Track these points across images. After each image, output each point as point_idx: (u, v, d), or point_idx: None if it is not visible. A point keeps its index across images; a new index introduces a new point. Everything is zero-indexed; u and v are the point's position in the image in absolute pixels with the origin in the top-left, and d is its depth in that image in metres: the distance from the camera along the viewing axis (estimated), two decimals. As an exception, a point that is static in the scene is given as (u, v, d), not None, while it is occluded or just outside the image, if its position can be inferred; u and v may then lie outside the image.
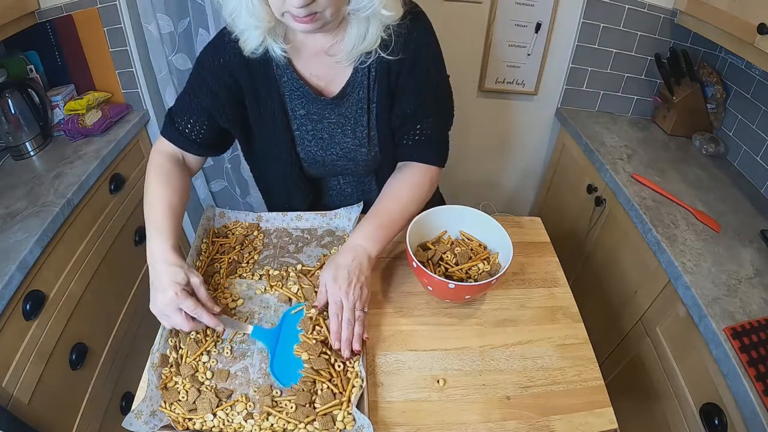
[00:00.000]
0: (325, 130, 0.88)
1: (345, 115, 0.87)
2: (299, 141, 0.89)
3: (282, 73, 0.84)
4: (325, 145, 0.89)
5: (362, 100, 0.86)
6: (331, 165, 0.92)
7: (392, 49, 0.78)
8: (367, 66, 0.82)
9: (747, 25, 1.12)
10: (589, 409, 0.69)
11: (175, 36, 1.42)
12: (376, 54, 0.79)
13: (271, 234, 0.95)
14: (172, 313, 0.68)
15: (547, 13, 1.55)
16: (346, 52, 0.78)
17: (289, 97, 0.85)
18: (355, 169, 0.93)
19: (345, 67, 0.83)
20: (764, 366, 0.82)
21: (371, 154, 0.91)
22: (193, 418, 0.63)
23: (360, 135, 0.88)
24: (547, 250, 0.97)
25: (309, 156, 0.91)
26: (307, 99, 0.85)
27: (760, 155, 1.37)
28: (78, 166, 1.24)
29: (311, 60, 0.84)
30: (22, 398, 0.96)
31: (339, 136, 0.88)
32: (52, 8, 1.34)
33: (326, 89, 0.86)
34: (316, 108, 0.86)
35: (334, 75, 0.84)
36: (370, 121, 0.88)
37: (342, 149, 0.90)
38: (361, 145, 0.89)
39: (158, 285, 0.69)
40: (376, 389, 0.70)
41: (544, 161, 1.96)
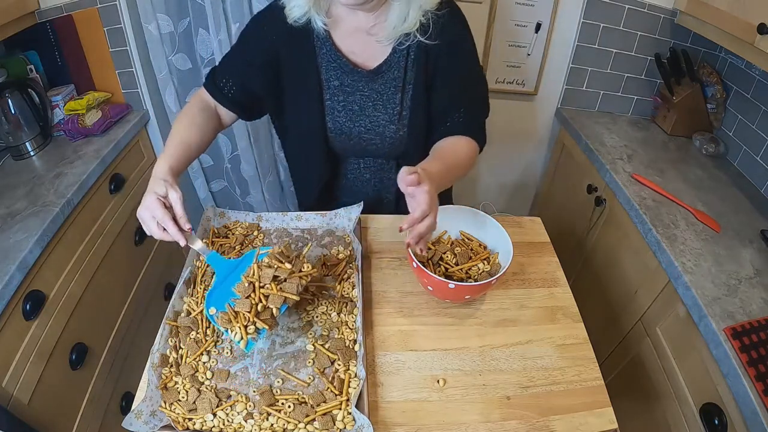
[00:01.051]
0: (356, 102, 0.92)
1: (378, 90, 0.91)
2: (329, 111, 0.93)
3: (321, 45, 0.89)
4: (355, 116, 0.93)
5: (397, 79, 0.90)
6: (357, 138, 0.94)
7: (430, 34, 0.84)
8: (405, 48, 0.87)
9: (747, 25, 1.12)
10: (589, 409, 0.69)
11: (175, 36, 1.42)
12: (414, 38, 0.85)
13: (271, 234, 0.95)
14: (148, 219, 0.72)
15: (547, 13, 1.55)
16: (388, 31, 0.84)
17: (325, 68, 0.90)
18: (381, 145, 0.95)
19: (383, 46, 0.88)
20: (764, 366, 0.82)
21: (399, 133, 0.94)
22: (193, 418, 0.63)
23: (391, 111, 0.92)
24: (547, 250, 0.97)
25: (337, 126, 0.94)
26: (343, 71, 0.90)
27: (760, 155, 1.37)
28: (78, 166, 1.24)
29: (350, 36, 0.89)
30: (22, 398, 0.96)
31: (370, 109, 0.92)
32: (52, 8, 1.34)
33: (362, 64, 0.90)
34: (351, 80, 0.91)
35: (372, 52, 0.90)
36: (403, 100, 0.92)
37: (371, 122, 0.93)
38: (391, 121, 0.92)
39: (144, 194, 0.74)
40: (376, 389, 0.70)
41: (544, 161, 1.96)
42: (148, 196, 0.73)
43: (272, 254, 0.72)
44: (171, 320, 0.74)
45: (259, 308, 0.68)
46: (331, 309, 0.78)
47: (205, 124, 0.91)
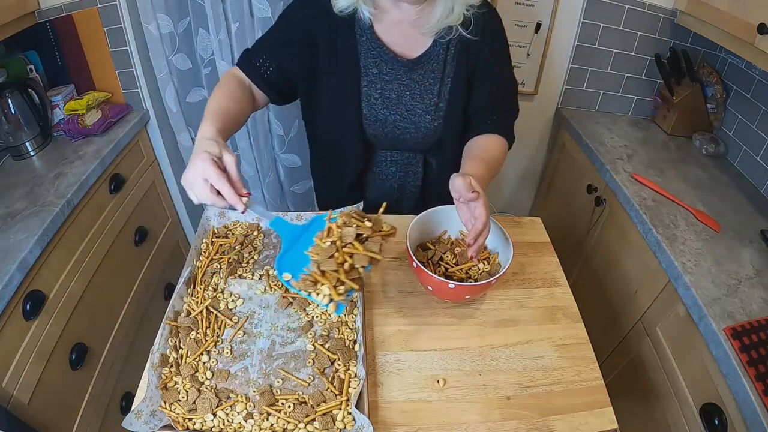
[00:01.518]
0: (393, 90, 0.93)
1: (416, 80, 0.92)
2: (365, 98, 0.93)
3: (362, 33, 0.90)
4: (391, 104, 0.93)
5: (436, 70, 0.92)
6: (392, 126, 0.95)
7: (471, 29, 0.87)
8: (446, 41, 0.89)
9: (747, 25, 1.12)
10: (589, 409, 0.69)
11: (175, 36, 1.42)
12: (456, 32, 0.87)
13: (271, 234, 0.95)
14: (200, 184, 0.66)
15: (547, 13, 1.55)
16: (433, 24, 0.86)
17: (364, 55, 0.91)
18: (415, 134, 0.96)
19: (424, 39, 0.90)
20: (764, 366, 0.82)
21: (434, 123, 0.95)
22: (193, 418, 0.63)
23: (428, 102, 0.93)
24: (547, 250, 0.97)
25: (372, 113, 0.94)
26: (382, 59, 0.91)
27: (760, 155, 1.37)
28: (78, 166, 1.24)
29: (392, 27, 0.90)
30: (22, 398, 0.96)
31: (407, 98, 0.93)
32: (52, 8, 1.34)
33: (402, 54, 0.92)
34: (390, 68, 0.92)
35: (413, 44, 0.91)
36: (441, 92, 0.93)
37: (407, 111, 0.94)
38: (427, 111, 0.94)
39: (191, 158, 0.68)
40: (376, 389, 0.70)
41: (544, 161, 1.96)
42: (200, 156, 0.66)
43: (348, 214, 0.67)
44: (171, 320, 0.74)
45: (345, 267, 0.63)
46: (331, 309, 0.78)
47: (243, 99, 0.90)
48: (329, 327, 0.76)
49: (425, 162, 1.03)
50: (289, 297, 0.80)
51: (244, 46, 1.39)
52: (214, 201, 0.67)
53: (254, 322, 0.77)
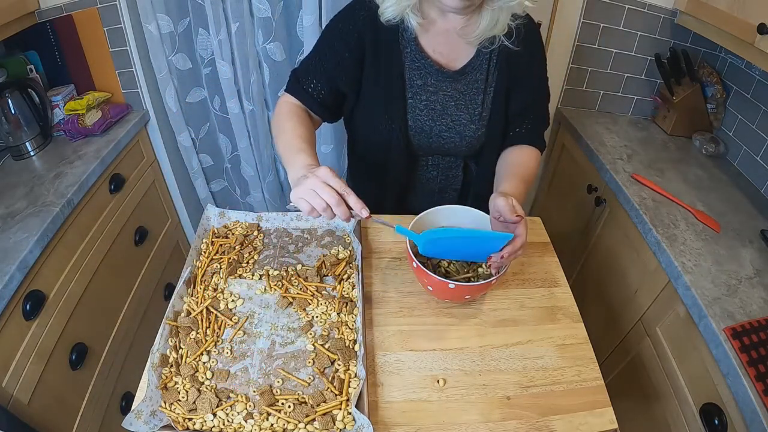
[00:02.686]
0: (438, 101, 0.93)
1: (461, 90, 0.93)
2: (411, 109, 0.94)
3: (407, 45, 0.91)
4: (436, 116, 0.94)
5: (480, 80, 0.93)
6: (437, 137, 0.96)
7: (513, 40, 0.88)
8: (489, 51, 0.91)
9: (747, 25, 1.12)
10: (589, 409, 0.69)
11: (175, 36, 1.42)
12: (499, 41, 0.89)
13: (271, 234, 0.95)
14: (321, 189, 0.67)
15: (547, 13, 1.55)
16: (478, 33, 0.87)
17: (408, 67, 0.92)
18: (459, 144, 0.97)
19: (468, 48, 0.91)
20: (764, 366, 0.82)
21: (479, 132, 0.96)
22: (193, 418, 0.63)
23: (472, 111, 0.94)
24: (547, 250, 0.97)
25: (417, 125, 0.95)
26: (427, 71, 0.92)
27: (760, 155, 1.37)
28: (78, 166, 1.24)
29: (437, 37, 0.91)
30: (22, 398, 0.96)
31: (452, 109, 0.94)
32: (52, 8, 1.34)
33: (446, 65, 0.93)
34: (435, 80, 0.92)
35: (457, 54, 0.92)
36: (485, 102, 0.95)
37: (453, 121, 0.94)
38: (472, 121, 0.95)
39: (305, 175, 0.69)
40: (376, 389, 0.70)
41: (544, 161, 1.96)
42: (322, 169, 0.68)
43: None
44: (171, 320, 0.74)
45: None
46: (331, 309, 0.78)
47: (309, 124, 0.91)
48: (329, 327, 0.76)
49: (465, 166, 1.04)
50: (289, 297, 0.80)
51: (244, 46, 1.39)
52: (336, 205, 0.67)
53: (254, 322, 0.77)
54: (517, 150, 0.98)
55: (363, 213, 0.68)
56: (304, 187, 0.68)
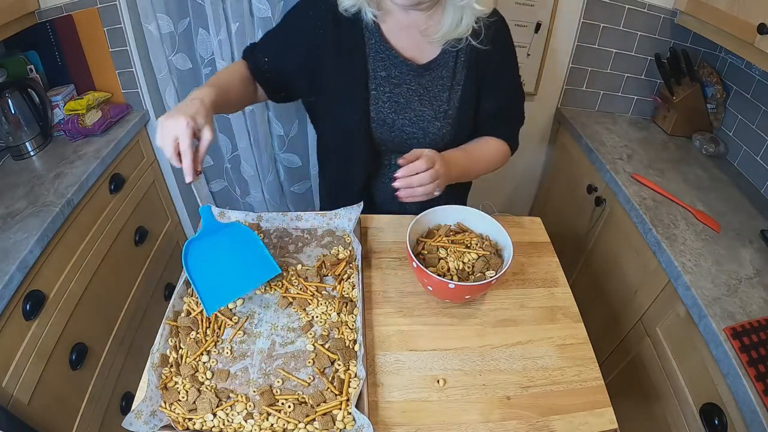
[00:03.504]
0: (402, 95, 0.92)
1: (425, 86, 0.92)
2: (374, 101, 0.93)
3: (370, 36, 0.90)
4: (400, 108, 0.93)
5: (445, 77, 0.92)
6: (400, 131, 0.95)
7: (481, 39, 0.87)
8: (456, 49, 0.89)
9: (747, 25, 1.12)
10: (589, 409, 0.69)
11: (175, 36, 1.42)
12: (466, 41, 0.87)
13: (271, 234, 0.95)
14: (169, 137, 0.67)
15: (547, 13, 1.55)
16: (441, 34, 0.86)
17: (372, 58, 0.91)
18: (422, 140, 0.96)
19: (433, 46, 0.90)
20: (764, 366, 0.82)
21: (443, 130, 0.95)
22: (193, 418, 0.63)
23: (436, 108, 0.93)
24: (547, 250, 0.97)
25: (380, 116, 0.94)
26: (391, 62, 0.91)
27: (760, 155, 1.37)
28: (78, 166, 1.24)
29: (400, 32, 0.90)
30: (22, 398, 0.96)
31: (415, 104, 0.93)
32: (52, 8, 1.34)
33: (412, 59, 0.92)
34: (399, 72, 0.91)
35: (422, 49, 0.91)
36: (451, 99, 0.93)
37: (416, 116, 0.93)
38: (436, 118, 0.93)
39: (181, 108, 0.69)
40: (376, 389, 0.70)
41: (544, 161, 1.96)
42: (184, 117, 0.67)
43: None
44: (171, 320, 0.74)
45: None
46: (331, 309, 0.78)
47: (246, 86, 0.92)
48: (329, 327, 0.76)
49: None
50: (290, 297, 0.80)
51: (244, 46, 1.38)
52: (171, 157, 0.69)
53: (254, 322, 0.77)
54: (485, 138, 1.00)
55: (187, 178, 0.69)
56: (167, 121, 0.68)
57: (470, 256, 0.82)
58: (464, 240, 0.85)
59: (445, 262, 0.82)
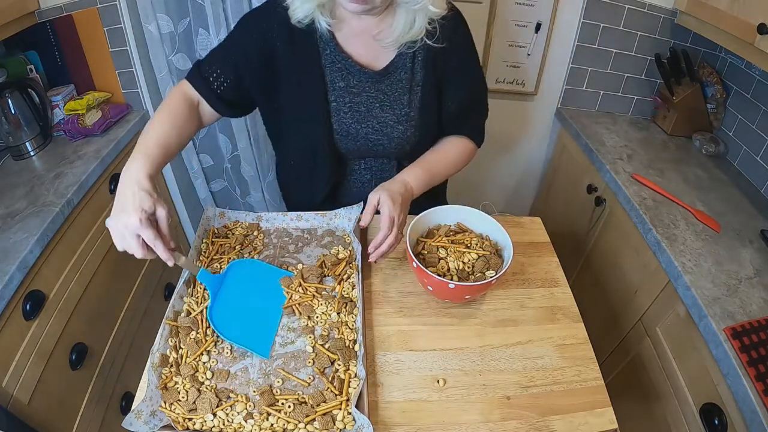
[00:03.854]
0: (362, 103, 0.91)
1: (385, 91, 0.91)
2: (335, 112, 0.91)
3: (325, 46, 0.88)
4: (362, 117, 0.92)
5: (404, 80, 0.90)
6: (364, 139, 0.94)
7: (437, 37, 0.85)
8: (413, 51, 0.88)
9: (747, 25, 1.12)
10: (589, 409, 0.69)
11: (175, 36, 1.42)
12: (422, 41, 0.86)
13: (271, 234, 0.95)
14: (130, 236, 0.66)
15: (547, 13, 1.55)
16: (394, 38, 0.84)
17: (329, 69, 0.89)
18: (388, 146, 0.95)
19: (388, 50, 0.88)
20: (764, 366, 0.82)
21: (407, 133, 0.94)
22: (193, 418, 0.63)
23: (398, 112, 0.92)
24: (547, 250, 0.97)
25: (343, 128, 0.92)
26: (348, 71, 0.89)
27: (760, 155, 1.37)
28: (78, 166, 1.24)
29: (354, 38, 0.89)
30: (22, 398, 0.96)
31: (377, 110, 0.91)
32: (52, 8, 1.34)
33: (368, 65, 0.90)
34: (357, 80, 0.90)
35: (377, 54, 0.90)
36: (411, 101, 0.92)
37: (379, 123, 0.92)
38: (399, 122, 0.92)
39: (124, 205, 0.67)
40: (376, 389, 0.70)
41: (544, 161, 1.96)
42: (135, 214, 0.65)
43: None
44: (171, 320, 0.74)
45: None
46: (331, 309, 0.78)
47: (186, 125, 0.85)
48: (329, 327, 0.76)
49: (399, 166, 0.99)
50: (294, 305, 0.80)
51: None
52: (144, 255, 0.67)
53: (254, 322, 0.77)
54: (448, 139, 0.99)
55: (169, 263, 0.70)
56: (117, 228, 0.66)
57: (470, 256, 0.82)
58: (464, 240, 0.84)
59: (445, 262, 0.81)
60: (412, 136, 0.94)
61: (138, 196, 0.67)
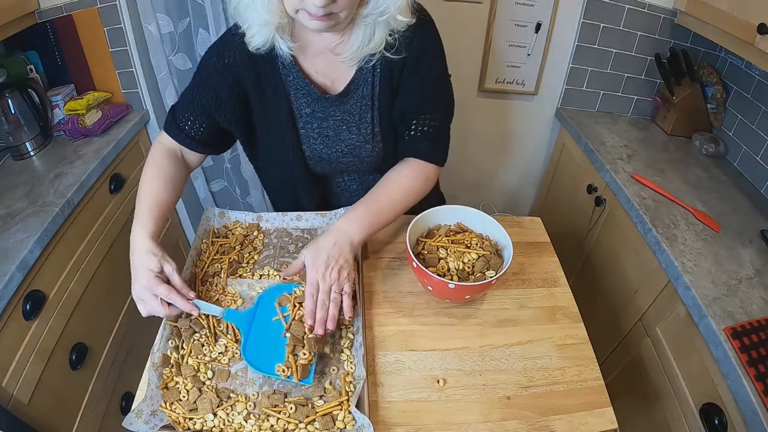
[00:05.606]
0: (330, 127, 0.89)
1: (350, 112, 0.88)
2: (305, 139, 0.90)
3: (288, 72, 0.85)
4: (330, 142, 0.90)
5: (366, 97, 0.87)
6: (336, 162, 0.93)
7: (396, 49, 0.79)
8: (372, 65, 0.84)
9: (747, 25, 1.12)
10: (589, 409, 0.69)
11: (175, 36, 1.42)
12: (380, 54, 0.81)
13: (271, 234, 0.95)
14: (148, 298, 0.70)
15: (547, 13, 1.55)
16: (351, 52, 0.80)
17: (294, 96, 0.87)
18: (360, 165, 0.94)
19: (349, 66, 0.84)
20: (764, 366, 0.82)
21: (375, 150, 0.92)
22: (193, 417, 0.63)
23: (364, 131, 0.89)
24: (547, 250, 0.97)
25: (315, 153, 0.91)
26: (312, 97, 0.86)
27: (760, 155, 1.37)
28: (78, 166, 1.24)
29: (316, 58, 0.85)
30: (22, 398, 0.96)
31: (344, 133, 0.89)
32: (52, 8, 1.34)
33: (331, 87, 0.87)
34: (321, 106, 0.87)
35: (339, 73, 0.86)
36: (374, 117, 0.89)
37: (347, 146, 0.90)
38: (366, 141, 0.90)
39: (134, 273, 0.72)
40: (376, 389, 0.70)
41: (544, 161, 1.96)
42: (143, 275, 0.70)
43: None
44: (171, 321, 0.74)
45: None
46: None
47: (175, 176, 0.85)
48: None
49: (382, 175, 0.93)
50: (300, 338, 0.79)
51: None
52: (166, 312, 0.70)
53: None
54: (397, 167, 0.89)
55: (193, 312, 0.72)
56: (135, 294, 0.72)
57: (470, 256, 0.82)
58: (464, 240, 0.84)
59: (445, 262, 0.81)
60: (379, 153, 0.92)
61: (142, 259, 0.72)
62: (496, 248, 0.84)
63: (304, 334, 0.71)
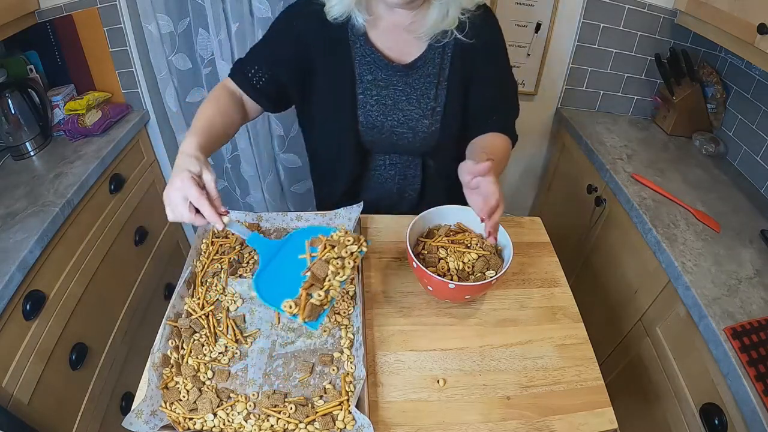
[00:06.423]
0: (389, 96, 0.92)
1: (412, 85, 0.92)
2: (361, 105, 0.93)
3: (356, 40, 0.90)
4: (388, 111, 0.93)
5: (432, 75, 0.91)
6: (389, 132, 0.95)
7: (467, 32, 0.87)
8: (442, 45, 0.89)
9: (747, 25, 1.12)
10: (589, 409, 0.69)
11: (175, 36, 1.42)
12: (451, 35, 0.88)
13: (271, 234, 0.95)
14: (179, 200, 0.66)
15: (547, 13, 1.55)
16: (427, 28, 0.86)
17: (358, 62, 0.91)
18: (413, 140, 0.96)
19: (419, 43, 0.90)
20: (764, 366, 0.82)
21: (432, 128, 0.95)
22: (193, 417, 0.63)
23: (424, 106, 0.93)
24: (547, 250, 0.97)
25: (369, 120, 0.94)
26: (377, 65, 0.91)
27: (760, 155, 1.37)
28: (78, 166, 1.24)
29: (386, 33, 0.90)
30: (22, 398, 0.96)
31: (403, 103, 0.93)
32: (52, 8, 1.34)
33: (397, 59, 0.91)
34: (385, 74, 0.91)
35: (408, 48, 0.91)
36: (438, 96, 0.93)
37: (405, 116, 0.93)
38: (424, 116, 0.93)
39: (174, 173, 0.68)
40: (376, 389, 0.70)
41: (544, 161, 1.96)
42: (180, 175, 0.66)
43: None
44: (171, 321, 0.74)
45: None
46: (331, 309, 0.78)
47: (231, 112, 0.88)
48: (329, 327, 0.76)
49: (423, 165, 1.03)
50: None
51: (244, 46, 1.39)
52: (192, 220, 0.67)
53: (255, 321, 0.77)
54: (486, 135, 0.96)
55: (218, 226, 0.68)
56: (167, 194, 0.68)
57: (470, 256, 0.82)
58: (464, 240, 0.84)
59: (445, 262, 0.81)
60: (436, 131, 0.95)
61: (184, 161, 0.69)
62: (496, 248, 0.84)
63: (325, 276, 0.67)
